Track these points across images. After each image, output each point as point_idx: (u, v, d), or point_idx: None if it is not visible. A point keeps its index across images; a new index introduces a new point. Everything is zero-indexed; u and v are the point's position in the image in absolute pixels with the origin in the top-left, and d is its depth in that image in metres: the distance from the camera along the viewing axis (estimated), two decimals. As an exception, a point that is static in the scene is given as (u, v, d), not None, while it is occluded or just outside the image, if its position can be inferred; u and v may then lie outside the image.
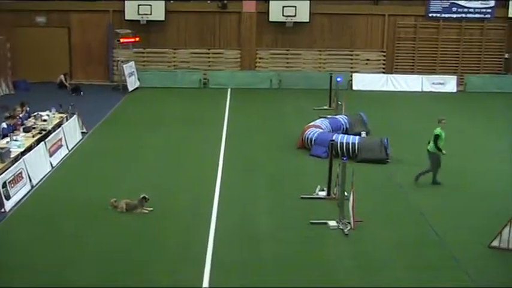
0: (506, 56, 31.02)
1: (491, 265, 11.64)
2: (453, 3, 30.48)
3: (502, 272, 11.41)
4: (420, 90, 29.67)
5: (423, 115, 24.54)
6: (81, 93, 27.75)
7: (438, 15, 30.65)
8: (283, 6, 29.70)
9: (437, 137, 15.73)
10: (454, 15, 30.65)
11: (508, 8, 30.48)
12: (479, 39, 31.02)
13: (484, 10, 30.51)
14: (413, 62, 30.94)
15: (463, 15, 30.63)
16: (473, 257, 11.89)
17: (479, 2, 30.41)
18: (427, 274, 11.15)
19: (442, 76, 30.28)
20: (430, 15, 30.65)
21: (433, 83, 29.97)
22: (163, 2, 29.85)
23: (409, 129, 22.05)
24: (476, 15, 30.65)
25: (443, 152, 15.79)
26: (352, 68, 30.74)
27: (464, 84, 30.20)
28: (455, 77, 30.25)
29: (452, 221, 13.73)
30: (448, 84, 30.00)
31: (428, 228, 13.27)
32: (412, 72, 30.52)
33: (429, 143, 15.92)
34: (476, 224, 13.44)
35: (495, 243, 12.20)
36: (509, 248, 12.05)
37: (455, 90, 29.91)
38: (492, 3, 30.43)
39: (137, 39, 29.59)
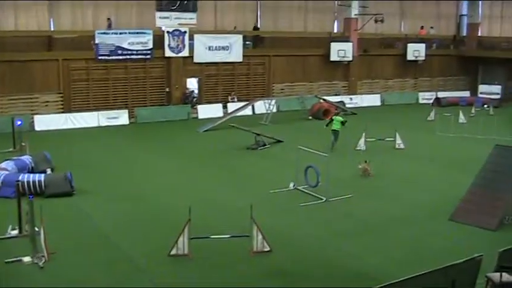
0: (167, 89, 32.81)
1: (172, 271, 12.39)
2: (118, 46, 31.28)
3: (181, 275, 12.22)
4: (97, 125, 29.91)
5: (101, 147, 24.93)
6: None
7: (106, 57, 31.17)
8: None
9: (340, 121, 24.02)
10: (120, 57, 31.49)
11: (164, 50, 32.33)
12: (144, 77, 32.33)
13: (145, 52, 31.94)
14: (88, 101, 31.03)
15: (128, 56, 31.64)
16: (157, 266, 12.55)
17: (141, 45, 31.75)
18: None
19: (115, 111, 30.87)
20: (99, 58, 31.06)
21: (108, 118, 30.42)
22: None
23: (91, 161, 22.17)
24: (139, 56, 31.92)
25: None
26: (33, 110, 29.72)
27: (135, 116, 31.20)
28: (126, 110, 31.09)
29: (137, 237, 14.25)
30: (121, 117, 30.73)
31: (116, 248, 13.61)
32: (88, 110, 30.58)
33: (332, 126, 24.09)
34: (159, 237, 14.14)
35: (174, 252, 12.99)
36: (184, 253, 12.95)
37: (127, 122, 30.76)
38: (151, 46, 31.98)
39: None
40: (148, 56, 32.14)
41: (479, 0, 44.27)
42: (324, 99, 34.17)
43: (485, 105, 37.17)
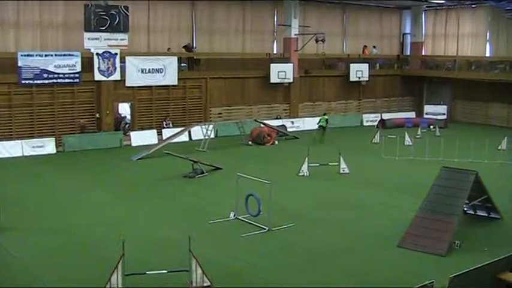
0: (97, 115, 32.40)
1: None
2: (44, 70, 30.74)
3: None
4: (21, 155, 29.16)
5: (26, 178, 24.34)
6: None
7: (31, 81, 30.57)
8: None
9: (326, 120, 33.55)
10: (46, 81, 30.91)
11: (93, 73, 31.96)
12: (72, 102, 31.81)
13: (72, 75, 31.48)
14: (11, 128, 30.29)
15: (54, 80, 31.08)
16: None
17: (68, 68, 31.30)
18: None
19: (41, 139, 30.20)
20: (23, 82, 30.42)
21: (33, 147, 29.71)
22: None
23: (15, 194, 21.55)
24: (66, 80, 31.41)
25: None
26: None
27: (62, 144, 30.59)
28: (53, 138, 30.47)
29: (67, 276, 13.93)
30: (47, 146, 30.06)
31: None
32: (11, 139, 29.82)
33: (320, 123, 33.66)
34: (91, 274, 13.86)
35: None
36: (118, 290, 12.78)
37: (54, 151, 30.12)
38: (79, 69, 31.57)
39: None
40: (76, 80, 31.67)
41: (422, 12, 45.72)
42: (264, 124, 34.43)
43: (431, 126, 38.24)
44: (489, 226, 18.08)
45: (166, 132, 33.24)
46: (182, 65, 35.95)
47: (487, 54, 43.85)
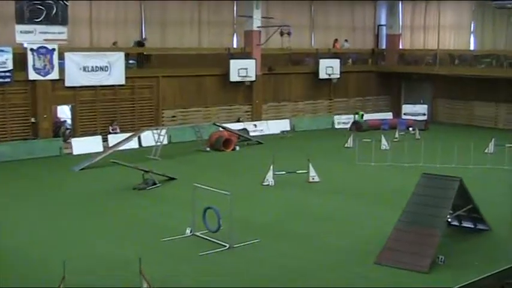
0: (33, 119, 31.97)
1: None
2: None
3: None
4: None
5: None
6: None
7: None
8: None
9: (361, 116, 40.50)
10: (-29, 81, 30.53)
11: (27, 71, 31.53)
12: (3, 105, 31.32)
13: (3, 74, 30.98)
14: None
15: (-19, 80, 30.71)
16: None
17: (-4, 66, 30.94)
18: None
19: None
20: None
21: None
22: None
23: None
24: (-4, 80, 31.03)
25: None
26: None
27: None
28: (-19, 147, 30.05)
29: None
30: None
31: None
32: None
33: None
34: None
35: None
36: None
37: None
38: (10, 67, 31.06)
39: None
40: (7, 80, 31.18)
41: (399, 1, 46.22)
42: (223, 127, 34.40)
43: (411, 128, 38.64)
44: (476, 239, 18.28)
45: (113, 139, 32.95)
46: (130, 61, 35.75)
47: (472, 48, 44.54)
